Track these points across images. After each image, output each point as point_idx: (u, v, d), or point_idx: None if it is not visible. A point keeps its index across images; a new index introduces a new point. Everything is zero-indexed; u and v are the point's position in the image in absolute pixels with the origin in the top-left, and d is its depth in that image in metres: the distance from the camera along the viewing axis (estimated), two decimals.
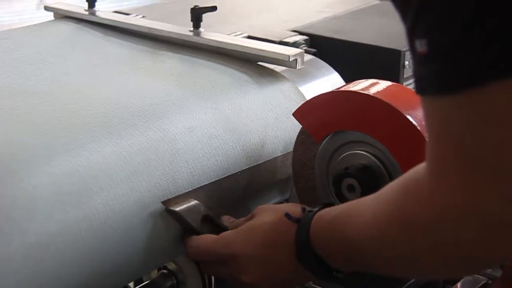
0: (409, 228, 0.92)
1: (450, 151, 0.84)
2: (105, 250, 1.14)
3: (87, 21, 1.68)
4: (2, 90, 1.34)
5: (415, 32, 0.81)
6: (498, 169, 0.80)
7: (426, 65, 0.81)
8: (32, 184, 1.09)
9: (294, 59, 1.44)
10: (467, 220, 0.84)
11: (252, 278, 1.16)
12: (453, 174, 0.83)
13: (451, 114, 0.82)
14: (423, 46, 0.79)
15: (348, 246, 1.04)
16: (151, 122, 1.27)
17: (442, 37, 0.79)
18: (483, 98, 0.78)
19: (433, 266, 0.96)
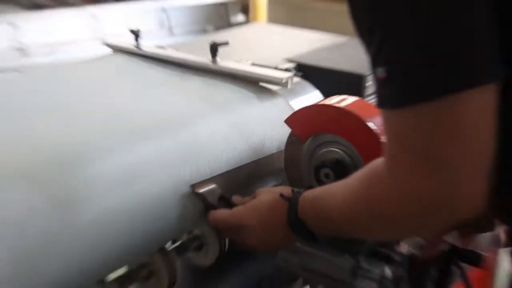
0: (369, 205, 0.96)
1: (400, 150, 0.86)
2: (149, 220, 1.16)
3: (135, 53, 1.70)
4: (72, 104, 1.34)
5: (376, 62, 0.84)
6: (435, 163, 0.83)
7: (384, 86, 0.84)
8: (93, 172, 1.10)
9: (286, 81, 1.46)
10: (410, 199, 0.87)
11: (255, 241, 1.20)
12: (402, 166, 0.86)
13: (401, 122, 0.85)
14: (383, 73, 0.83)
15: (324, 217, 1.08)
16: (181, 128, 1.29)
17: (396, 68, 0.82)
18: (424, 111, 0.81)
19: (384, 231, 1.01)
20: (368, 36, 0.86)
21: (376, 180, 0.95)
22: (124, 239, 1.14)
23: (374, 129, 1.21)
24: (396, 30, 0.82)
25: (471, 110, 0.80)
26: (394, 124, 0.87)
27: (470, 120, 0.81)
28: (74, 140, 1.19)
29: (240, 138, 1.37)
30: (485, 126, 0.82)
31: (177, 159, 1.25)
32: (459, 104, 0.80)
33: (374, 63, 0.86)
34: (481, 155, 0.83)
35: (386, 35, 0.83)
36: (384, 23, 0.83)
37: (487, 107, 0.81)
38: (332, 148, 1.29)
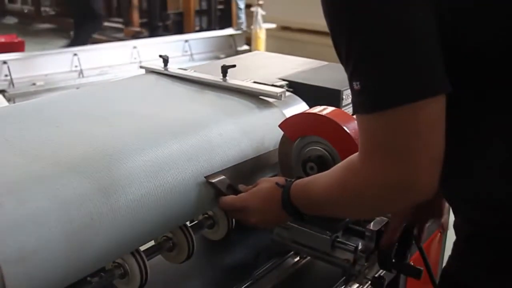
0: (345, 190, 0.96)
1: (371, 146, 0.87)
2: (174, 202, 1.15)
3: (163, 73, 1.68)
4: (114, 112, 1.33)
5: (352, 77, 0.85)
6: (399, 156, 0.84)
7: (358, 96, 0.85)
8: (130, 166, 1.09)
9: (280, 95, 1.45)
10: (379, 185, 0.88)
11: (256, 220, 1.20)
12: (373, 159, 0.87)
13: (371, 125, 0.86)
14: (357, 85, 0.84)
15: (311, 200, 1.08)
16: (198, 130, 1.27)
17: (366, 82, 0.83)
18: (389, 116, 0.82)
19: (357, 210, 1.03)
20: (346, 59, 0.86)
21: (351, 170, 0.95)
22: (154, 218, 1.12)
23: (349, 132, 1.20)
24: (365, 55, 0.83)
25: (427, 114, 0.82)
26: (365, 126, 0.87)
27: (426, 122, 0.82)
28: (116, 140, 1.16)
29: (245, 138, 1.34)
30: (438, 127, 0.83)
31: (196, 155, 1.22)
32: (417, 110, 0.81)
33: (350, 77, 0.86)
34: (435, 150, 0.84)
35: (359, 59, 0.84)
36: (356, 51, 0.84)
37: (439, 112, 0.83)
38: (315, 147, 1.27)
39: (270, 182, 1.20)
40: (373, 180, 0.88)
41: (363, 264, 1.24)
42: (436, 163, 0.84)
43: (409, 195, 0.88)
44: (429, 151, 0.84)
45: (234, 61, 1.65)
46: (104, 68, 5.49)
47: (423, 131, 0.82)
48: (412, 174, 0.84)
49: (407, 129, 0.83)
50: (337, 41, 0.88)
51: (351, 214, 1.14)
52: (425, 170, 0.84)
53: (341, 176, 0.98)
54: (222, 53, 6.41)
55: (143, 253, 1.16)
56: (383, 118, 0.83)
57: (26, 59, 5.22)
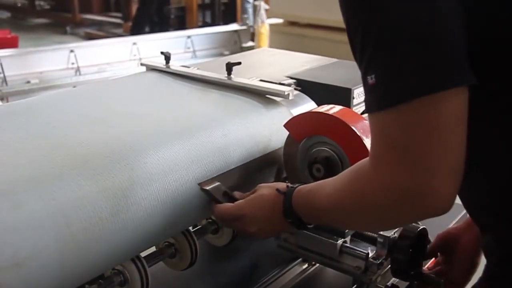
0: (354, 196, 0.92)
1: (384, 148, 0.83)
2: (175, 206, 1.14)
3: (165, 71, 1.67)
4: (114, 111, 1.33)
5: (367, 71, 0.81)
6: (414, 158, 0.79)
7: (373, 92, 0.82)
8: (130, 168, 1.09)
9: (288, 93, 1.43)
10: (391, 191, 0.83)
11: (255, 229, 1.15)
12: (385, 162, 0.83)
13: (386, 123, 0.81)
14: (372, 79, 0.80)
15: (315, 208, 1.04)
16: (201, 131, 1.26)
17: (381, 74, 0.80)
18: (406, 111, 0.78)
19: (365, 222, 0.99)
20: (360, 51, 0.83)
21: (361, 176, 0.90)
22: (156, 223, 1.12)
23: (357, 132, 1.19)
24: (382, 43, 0.80)
25: (449, 109, 0.77)
26: (380, 125, 0.83)
27: (448, 118, 0.78)
28: (115, 141, 1.16)
29: (251, 139, 1.34)
30: (461, 126, 0.79)
31: (199, 156, 1.22)
32: (438, 103, 0.77)
33: (365, 72, 0.83)
34: (456, 154, 0.80)
35: (375, 47, 0.80)
36: (373, 39, 0.81)
37: (462, 107, 0.79)
38: (322, 147, 1.26)
39: (270, 188, 1.17)
40: (386, 187, 0.84)
41: (375, 271, 1.24)
42: (457, 171, 0.80)
43: (424, 206, 0.82)
44: (450, 156, 0.79)
45: (239, 58, 1.66)
46: (102, 65, 5.51)
47: (444, 129, 0.78)
48: (429, 181, 0.79)
49: (427, 126, 0.78)
50: (353, 32, 0.84)
51: (358, 225, 1.07)
52: (444, 177, 0.80)
53: (350, 182, 0.94)
54: (227, 49, 6.44)
55: (144, 259, 1.17)
56: (400, 114, 0.79)
57: (20, 55, 5.25)
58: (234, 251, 1.48)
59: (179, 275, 1.35)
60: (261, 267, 1.43)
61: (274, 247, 1.36)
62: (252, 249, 1.51)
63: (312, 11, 5.73)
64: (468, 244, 1.21)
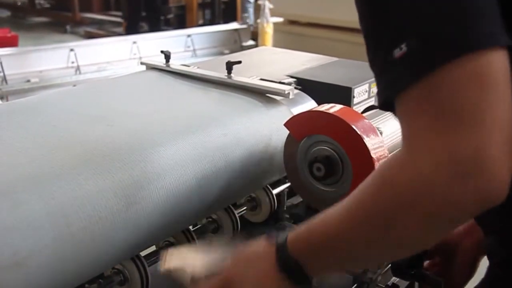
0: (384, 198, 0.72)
1: (426, 121, 0.69)
2: (174, 206, 1.14)
3: (165, 70, 1.67)
4: (110, 112, 1.33)
5: (393, 44, 0.70)
6: (466, 123, 0.66)
7: (404, 63, 0.70)
8: (130, 167, 1.08)
9: (288, 92, 1.44)
10: (440, 168, 0.66)
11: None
12: (429, 138, 0.68)
13: (430, 89, 0.68)
14: (402, 49, 0.69)
15: (324, 246, 0.81)
16: (201, 130, 1.26)
17: (420, 39, 0.69)
18: (456, 69, 0.67)
19: (406, 231, 0.72)
20: (382, 24, 0.73)
21: (388, 168, 0.74)
22: (156, 222, 1.12)
23: (357, 131, 1.18)
24: (410, 6, 0.70)
25: (495, 67, 0.67)
26: (420, 95, 0.69)
27: (500, 77, 0.67)
28: (115, 140, 1.16)
29: (251, 138, 1.34)
30: (507, 86, 0.68)
31: (199, 156, 1.22)
32: (483, 61, 0.67)
33: (388, 46, 0.71)
34: (507, 120, 0.67)
35: (403, 15, 0.71)
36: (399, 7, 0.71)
37: (506, 68, 0.68)
38: (323, 146, 1.25)
39: (252, 244, 0.93)
40: (433, 163, 0.67)
41: (375, 271, 1.24)
42: (509, 141, 0.67)
43: (482, 182, 0.66)
44: (507, 118, 0.67)
45: (240, 57, 1.66)
46: (102, 64, 5.52)
47: (494, 84, 0.67)
48: (488, 147, 0.65)
49: (481, 81, 0.67)
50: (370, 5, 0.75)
51: (394, 241, 0.75)
52: (502, 145, 0.66)
53: (371, 184, 0.76)
54: (227, 48, 6.44)
55: (143, 258, 1.17)
56: (448, 73, 0.67)
57: (19, 54, 5.25)
58: None
59: None
60: None
61: None
62: None
63: (312, 10, 5.73)
64: (469, 249, 1.21)
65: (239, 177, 1.29)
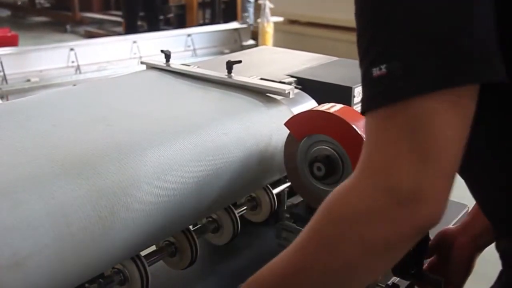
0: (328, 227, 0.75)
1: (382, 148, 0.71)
2: (175, 205, 1.14)
3: (165, 70, 1.67)
4: (110, 111, 1.32)
5: (374, 62, 0.71)
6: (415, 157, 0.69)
7: (380, 84, 0.71)
8: (130, 167, 1.08)
9: (288, 92, 1.43)
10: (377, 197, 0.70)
11: None
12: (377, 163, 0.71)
13: (388, 121, 0.71)
14: (381, 70, 0.70)
15: None
16: (201, 129, 1.26)
17: (397, 63, 0.69)
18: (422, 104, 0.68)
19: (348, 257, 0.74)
20: (368, 37, 0.74)
21: (336, 198, 0.75)
22: (156, 222, 1.12)
23: (358, 130, 1.19)
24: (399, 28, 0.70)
25: (465, 105, 0.69)
26: (379, 122, 0.72)
27: (462, 115, 0.69)
28: (115, 140, 1.16)
29: (251, 138, 1.34)
30: (466, 125, 0.71)
31: (199, 155, 1.22)
32: (458, 97, 0.68)
33: (371, 63, 0.72)
34: (456, 156, 0.71)
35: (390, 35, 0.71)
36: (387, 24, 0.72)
37: (474, 105, 0.70)
38: (323, 146, 1.26)
39: None
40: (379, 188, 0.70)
41: None
42: (452, 174, 0.71)
43: (416, 210, 0.69)
44: (449, 156, 0.70)
45: (240, 56, 1.66)
46: (102, 63, 5.52)
47: (453, 125, 0.68)
48: (425, 180, 0.68)
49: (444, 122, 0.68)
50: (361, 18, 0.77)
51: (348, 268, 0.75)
52: (441, 178, 0.69)
53: (316, 220, 0.76)
54: (227, 48, 6.44)
55: (144, 258, 1.17)
56: (411, 108, 0.68)
57: (20, 54, 5.25)
58: (234, 250, 1.48)
59: (179, 274, 1.35)
60: (261, 266, 1.43)
61: (274, 246, 1.36)
62: (252, 248, 1.51)
63: (312, 10, 5.74)
64: (465, 246, 1.21)
65: (239, 177, 1.29)
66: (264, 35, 6.22)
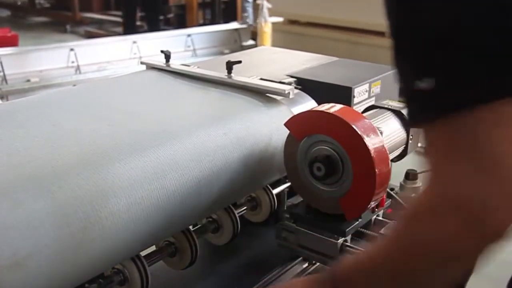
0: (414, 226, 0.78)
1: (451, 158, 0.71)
2: (175, 205, 1.14)
3: (165, 70, 1.67)
4: (110, 111, 1.32)
5: (419, 74, 0.70)
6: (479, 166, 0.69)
7: (428, 98, 0.70)
8: (130, 167, 1.08)
9: (288, 92, 1.44)
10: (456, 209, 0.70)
11: None
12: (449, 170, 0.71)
13: (450, 131, 0.70)
14: (429, 84, 0.69)
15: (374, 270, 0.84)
16: (201, 130, 1.26)
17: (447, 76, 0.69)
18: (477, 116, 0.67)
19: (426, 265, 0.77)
20: (411, 49, 0.72)
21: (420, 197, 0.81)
22: (156, 222, 1.12)
23: (357, 130, 1.18)
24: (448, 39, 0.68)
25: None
26: (442, 133, 0.72)
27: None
28: (115, 140, 1.16)
29: (251, 137, 1.34)
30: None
31: (199, 155, 1.22)
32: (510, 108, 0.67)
33: (415, 75, 0.71)
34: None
35: (436, 46, 0.69)
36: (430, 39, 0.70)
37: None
38: (323, 146, 1.25)
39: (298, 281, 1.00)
40: (451, 204, 0.71)
41: None
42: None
43: (484, 226, 0.70)
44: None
45: (240, 56, 1.66)
46: (102, 64, 5.52)
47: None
48: (489, 197, 0.68)
49: (505, 130, 0.67)
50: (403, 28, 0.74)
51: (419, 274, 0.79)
52: (506, 194, 0.68)
53: (408, 209, 0.82)
54: (227, 48, 6.44)
55: (143, 258, 1.17)
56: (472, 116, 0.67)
57: (19, 54, 5.25)
58: (234, 250, 1.48)
59: (179, 274, 1.35)
60: (261, 266, 1.43)
61: (274, 246, 1.36)
62: (252, 248, 1.52)
63: (312, 10, 5.74)
64: None
65: (239, 177, 1.29)
66: (262, 35, 6.21)
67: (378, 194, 1.21)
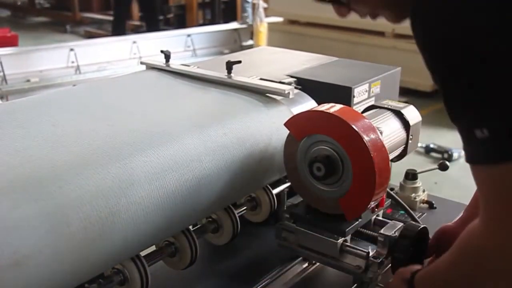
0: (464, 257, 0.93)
1: (501, 205, 0.82)
2: (175, 205, 1.14)
3: (165, 70, 1.67)
4: (110, 111, 1.32)
5: (476, 124, 0.79)
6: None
7: (484, 144, 0.79)
8: (130, 167, 1.08)
9: (288, 92, 1.44)
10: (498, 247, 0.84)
11: None
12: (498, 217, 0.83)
13: (504, 177, 0.80)
14: (484, 133, 0.78)
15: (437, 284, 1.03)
16: (201, 130, 1.25)
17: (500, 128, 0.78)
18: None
19: None
20: (468, 101, 0.81)
21: (471, 232, 0.90)
22: (156, 222, 1.12)
23: (357, 130, 1.18)
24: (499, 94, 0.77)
25: None
26: (495, 178, 0.81)
27: None
28: (115, 140, 1.16)
29: (251, 137, 1.34)
30: None
31: (199, 155, 1.21)
32: None
33: (473, 124, 0.80)
34: None
35: (490, 99, 0.78)
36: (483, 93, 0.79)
37: None
38: (323, 146, 1.25)
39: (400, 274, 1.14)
40: (494, 241, 0.83)
41: (376, 271, 1.24)
42: None
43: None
44: None
45: (240, 56, 1.66)
46: (102, 64, 5.53)
47: None
48: None
49: None
50: (452, 82, 0.83)
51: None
52: None
53: (461, 240, 0.93)
54: (226, 48, 6.45)
55: (143, 258, 1.17)
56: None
57: (19, 54, 5.26)
58: (234, 250, 1.48)
59: (179, 274, 1.35)
60: (261, 266, 1.43)
61: (274, 246, 1.36)
62: (252, 248, 1.52)
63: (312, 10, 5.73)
64: None
65: (239, 177, 1.29)
66: (258, 35, 6.22)
67: (378, 194, 1.21)
